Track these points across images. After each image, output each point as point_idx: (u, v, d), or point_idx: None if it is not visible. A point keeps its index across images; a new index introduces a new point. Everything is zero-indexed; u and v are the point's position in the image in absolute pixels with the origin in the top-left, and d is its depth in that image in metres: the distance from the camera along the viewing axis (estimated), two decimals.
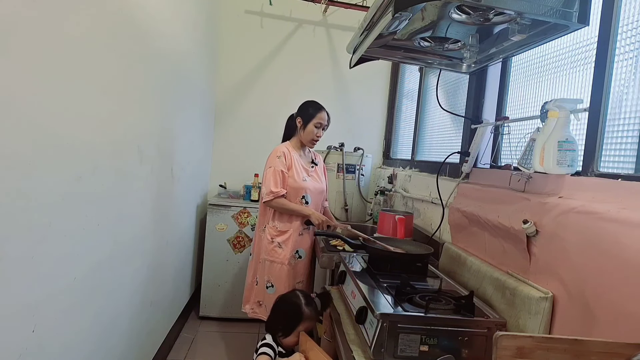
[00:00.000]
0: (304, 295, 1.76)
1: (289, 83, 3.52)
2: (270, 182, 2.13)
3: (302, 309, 1.70)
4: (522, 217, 1.29)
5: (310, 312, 1.71)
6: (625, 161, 1.14)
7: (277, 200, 2.13)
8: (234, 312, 3.04)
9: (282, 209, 2.16)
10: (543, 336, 0.88)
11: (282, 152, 2.19)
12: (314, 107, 2.24)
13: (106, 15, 1.39)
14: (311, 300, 1.75)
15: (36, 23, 1.03)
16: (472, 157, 1.85)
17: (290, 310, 1.74)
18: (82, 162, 1.30)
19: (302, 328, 1.70)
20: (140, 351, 2.02)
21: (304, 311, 1.69)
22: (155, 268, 2.15)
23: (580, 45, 1.38)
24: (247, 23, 3.45)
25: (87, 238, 1.36)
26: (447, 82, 2.41)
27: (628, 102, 1.15)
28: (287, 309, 1.75)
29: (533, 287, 1.24)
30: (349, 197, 3.01)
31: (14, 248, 1.00)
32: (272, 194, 2.12)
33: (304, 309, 1.70)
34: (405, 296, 1.31)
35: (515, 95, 1.81)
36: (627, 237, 0.95)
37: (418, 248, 1.79)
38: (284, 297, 1.83)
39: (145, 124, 1.84)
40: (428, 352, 1.15)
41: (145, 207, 1.91)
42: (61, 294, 1.23)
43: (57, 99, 1.13)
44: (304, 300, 1.73)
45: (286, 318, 1.72)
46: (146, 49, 1.78)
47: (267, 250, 2.18)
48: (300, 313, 1.69)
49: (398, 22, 1.43)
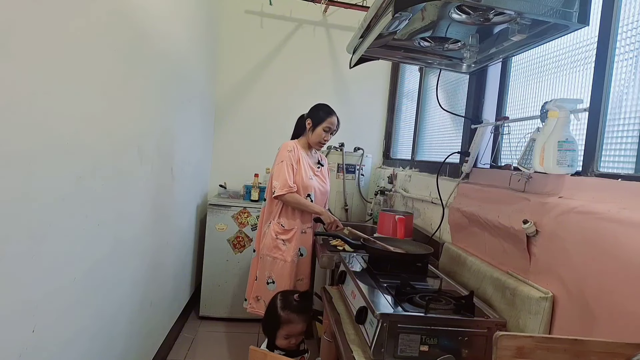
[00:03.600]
0: (282, 298, 1.75)
1: (289, 83, 3.52)
2: (285, 176, 2.12)
3: (277, 313, 1.69)
4: (522, 217, 1.29)
5: (288, 315, 1.69)
6: (625, 161, 1.14)
7: (291, 195, 2.13)
8: (234, 312, 3.05)
9: (296, 204, 2.16)
10: (543, 336, 0.88)
11: (292, 146, 2.21)
12: (324, 111, 2.25)
13: (106, 15, 1.39)
14: (289, 303, 1.72)
15: (36, 23, 1.03)
16: (472, 157, 1.85)
17: (267, 315, 1.74)
18: (82, 162, 1.30)
19: (286, 331, 1.68)
20: (140, 351, 2.02)
21: (279, 315, 1.68)
22: (155, 268, 2.15)
23: (580, 45, 1.38)
24: (247, 23, 3.45)
25: (87, 238, 1.36)
26: (447, 82, 2.41)
27: (628, 102, 1.15)
28: (266, 314, 1.75)
29: (533, 287, 1.24)
30: (349, 197, 3.01)
31: (14, 248, 1.00)
32: (288, 189, 2.11)
33: (279, 312, 1.69)
34: (405, 296, 1.31)
35: (515, 95, 1.81)
36: (627, 237, 0.95)
37: (418, 248, 1.79)
38: (270, 302, 1.83)
39: (145, 124, 1.84)
40: (428, 352, 1.15)
41: (145, 207, 1.91)
42: (61, 294, 1.23)
43: (57, 99, 1.13)
44: (280, 304, 1.71)
45: (266, 323, 1.72)
46: (146, 49, 1.78)
47: (269, 247, 2.18)
48: (277, 317, 1.68)
49: (398, 22, 1.43)
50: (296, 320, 1.70)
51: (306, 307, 1.73)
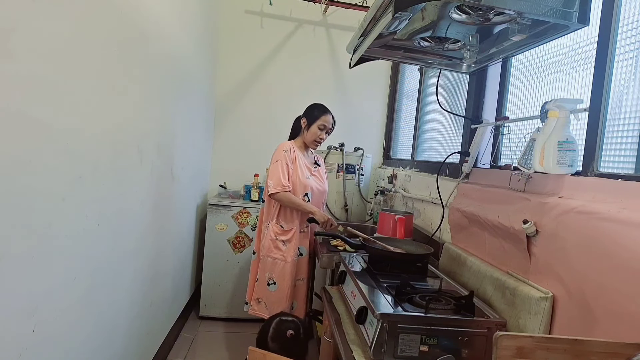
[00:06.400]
0: (276, 327, 1.71)
1: (289, 83, 3.51)
2: (280, 175, 2.13)
3: (266, 339, 1.67)
4: (522, 217, 1.29)
5: (275, 347, 1.66)
6: (625, 161, 1.14)
7: (284, 194, 2.13)
8: (234, 312, 3.05)
9: (288, 202, 2.16)
10: (543, 336, 0.88)
11: (289, 147, 2.22)
12: (319, 109, 2.27)
13: (106, 15, 1.39)
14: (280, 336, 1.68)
15: (37, 23, 1.03)
16: (472, 157, 1.85)
17: (259, 335, 1.72)
18: (82, 162, 1.30)
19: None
20: (140, 351, 2.01)
21: (267, 342, 1.67)
22: (155, 268, 2.14)
23: (580, 45, 1.38)
24: (247, 23, 3.45)
25: (87, 238, 1.36)
26: (447, 82, 2.41)
27: (628, 102, 1.15)
28: (260, 333, 1.73)
29: (533, 287, 1.24)
30: (349, 197, 3.01)
31: (14, 248, 1.00)
32: (281, 187, 2.12)
33: (268, 340, 1.67)
34: (405, 296, 1.31)
35: (515, 95, 1.81)
36: (627, 237, 0.95)
37: (418, 248, 1.79)
38: (267, 320, 1.80)
39: (145, 124, 1.84)
40: (428, 352, 1.15)
41: (145, 207, 1.91)
42: (61, 294, 1.23)
43: (57, 99, 1.13)
44: (272, 333, 1.69)
45: (257, 341, 1.70)
46: (146, 49, 1.78)
47: (269, 248, 2.18)
48: (265, 342, 1.67)
49: (398, 22, 1.43)
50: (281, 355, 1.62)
51: (295, 350, 1.68)
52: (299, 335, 1.71)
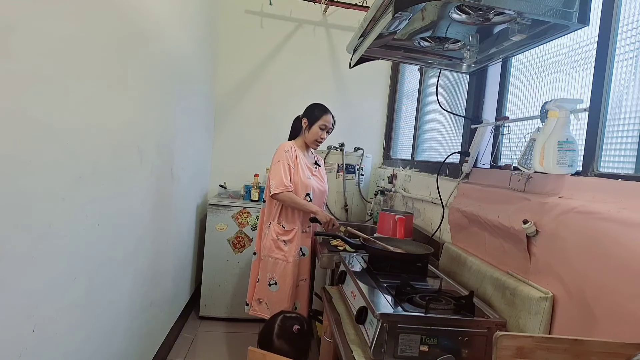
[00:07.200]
0: (281, 324, 1.70)
1: (289, 83, 3.51)
2: (281, 175, 2.14)
3: (272, 338, 1.67)
4: (522, 217, 1.29)
5: (281, 344, 1.66)
6: (625, 161, 1.14)
7: (286, 194, 2.13)
8: (234, 312, 3.05)
9: (291, 202, 2.16)
10: (543, 336, 0.88)
11: (290, 147, 2.22)
12: (319, 109, 2.28)
13: (106, 15, 1.39)
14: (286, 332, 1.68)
15: (37, 23, 1.03)
16: (472, 157, 1.85)
17: (262, 333, 1.72)
18: (82, 162, 1.30)
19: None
20: (140, 351, 2.01)
21: (273, 340, 1.67)
22: (155, 268, 2.14)
23: (580, 45, 1.38)
24: (247, 23, 3.45)
25: (87, 238, 1.36)
26: (447, 82, 2.41)
27: (628, 102, 1.15)
28: (262, 332, 1.72)
29: (533, 287, 1.24)
30: (349, 197, 3.01)
31: (14, 248, 1.00)
32: (283, 187, 2.12)
33: (273, 338, 1.67)
34: (405, 296, 1.31)
35: (515, 95, 1.81)
36: (627, 237, 0.95)
37: (418, 248, 1.79)
38: (271, 317, 1.80)
39: (145, 124, 1.84)
40: (428, 352, 1.15)
41: (145, 207, 1.91)
42: (61, 294, 1.23)
43: (57, 99, 1.13)
44: (277, 330, 1.68)
45: (260, 342, 1.70)
46: (146, 49, 1.78)
47: (271, 248, 2.18)
48: (270, 341, 1.66)
49: (398, 22, 1.43)
50: (287, 353, 1.62)
51: (301, 345, 1.68)
52: (304, 330, 1.72)
